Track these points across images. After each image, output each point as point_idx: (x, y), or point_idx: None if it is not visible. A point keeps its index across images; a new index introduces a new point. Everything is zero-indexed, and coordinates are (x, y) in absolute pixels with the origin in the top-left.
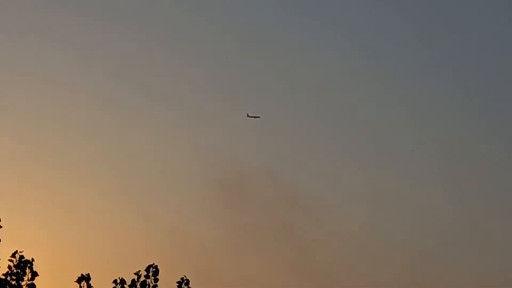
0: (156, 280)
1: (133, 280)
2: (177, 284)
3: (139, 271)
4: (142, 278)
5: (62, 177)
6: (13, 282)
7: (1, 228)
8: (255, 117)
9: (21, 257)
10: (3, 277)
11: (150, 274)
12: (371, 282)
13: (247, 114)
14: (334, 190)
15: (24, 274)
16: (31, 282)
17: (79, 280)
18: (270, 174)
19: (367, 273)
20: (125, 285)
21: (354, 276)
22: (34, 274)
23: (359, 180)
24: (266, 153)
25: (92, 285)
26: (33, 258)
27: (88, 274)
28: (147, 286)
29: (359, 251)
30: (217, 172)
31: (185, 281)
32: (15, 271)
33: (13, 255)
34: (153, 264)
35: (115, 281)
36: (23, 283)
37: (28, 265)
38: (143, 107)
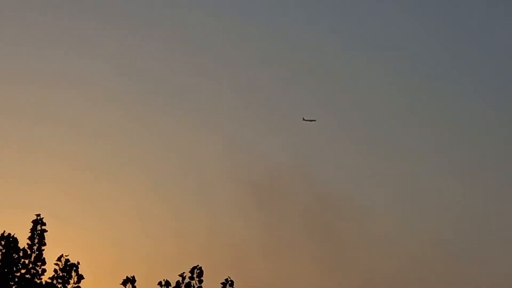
0: (200, 281)
1: (177, 282)
2: (221, 285)
3: (184, 272)
4: (187, 280)
5: (105, 182)
6: (59, 286)
7: (46, 233)
8: (310, 120)
9: (67, 260)
10: (49, 280)
11: (195, 275)
12: (409, 279)
13: (303, 118)
14: (368, 189)
15: (70, 277)
16: (77, 285)
17: (124, 283)
18: (303, 174)
19: (405, 271)
20: (170, 287)
21: (392, 275)
22: (80, 277)
23: (393, 179)
24: (298, 153)
25: (137, 287)
26: (79, 261)
27: (133, 277)
28: None
29: (395, 249)
30: (251, 173)
31: (230, 282)
32: (61, 274)
33: (59, 259)
34: (197, 265)
35: (160, 283)
36: (69, 286)
37: (74, 268)
38: (179, 109)
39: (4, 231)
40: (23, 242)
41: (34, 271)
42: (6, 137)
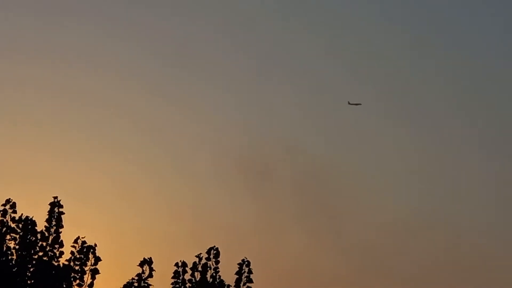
0: (217, 262)
1: (194, 263)
2: (238, 266)
3: (200, 253)
4: (203, 261)
5: (123, 161)
6: (77, 268)
7: (63, 215)
8: (356, 104)
9: (84, 242)
10: (66, 262)
11: (211, 256)
12: (408, 253)
13: (348, 102)
14: (366, 163)
15: (87, 259)
16: (94, 267)
17: (141, 264)
18: (297, 151)
19: (402, 244)
20: (186, 268)
21: (389, 248)
22: (97, 259)
23: (390, 149)
24: (292, 130)
25: (154, 268)
26: (96, 243)
27: (150, 258)
28: (208, 269)
29: (392, 223)
30: (244, 152)
31: (246, 263)
32: (78, 256)
33: (76, 241)
34: (214, 246)
35: (176, 264)
36: (86, 268)
37: (91, 250)
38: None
39: (22, 213)
40: (40, 224)
41: (52, 254)
42: (21, 119)
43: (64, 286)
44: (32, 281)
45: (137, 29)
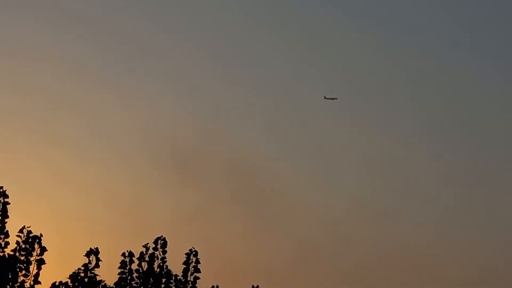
0: (164, 252)
1: (141, 253)
2: (186, 256)
3: (147, 243)
4: (151, 251)
5: (68, 152)
6: (22, 258)
7: (9, 205)
8: (332, 99)
9: (29, 232)
10: (12, 253)
11: (159, 246)
12: (336, 243)
13: (324, 97)
14: (304, 153)
15: (33, 249)
16: (40, 257)
17: (87, 254)
18: (220, 142)
19: (331, 234)
20: (133, 258)
21: (318, 238)
22: (43, 249)
23: (332, 142)
24: (213, 121)
25: (100, 258)
26: (41, 233)
27: (97, 248)
28: (155, 259)
29: (320, 213)
30: (167, 145)
31: (194, 253)
32: (23, 246)
33: (21, 231)
34: (161, 236)
35: (123, 254)
36: (32, 259)
37: (37, 240)
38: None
39: None
40: None
41: None
42: None
43: (10, 276)
44: None
45: (75, 20)
